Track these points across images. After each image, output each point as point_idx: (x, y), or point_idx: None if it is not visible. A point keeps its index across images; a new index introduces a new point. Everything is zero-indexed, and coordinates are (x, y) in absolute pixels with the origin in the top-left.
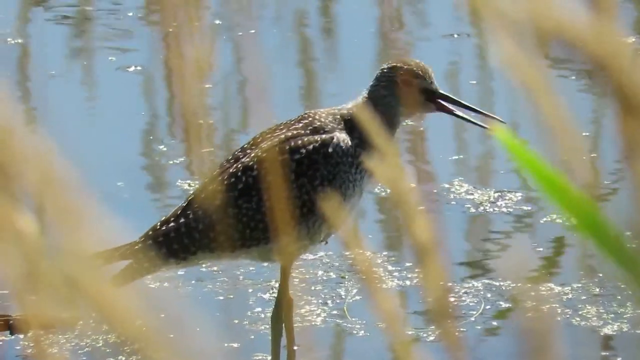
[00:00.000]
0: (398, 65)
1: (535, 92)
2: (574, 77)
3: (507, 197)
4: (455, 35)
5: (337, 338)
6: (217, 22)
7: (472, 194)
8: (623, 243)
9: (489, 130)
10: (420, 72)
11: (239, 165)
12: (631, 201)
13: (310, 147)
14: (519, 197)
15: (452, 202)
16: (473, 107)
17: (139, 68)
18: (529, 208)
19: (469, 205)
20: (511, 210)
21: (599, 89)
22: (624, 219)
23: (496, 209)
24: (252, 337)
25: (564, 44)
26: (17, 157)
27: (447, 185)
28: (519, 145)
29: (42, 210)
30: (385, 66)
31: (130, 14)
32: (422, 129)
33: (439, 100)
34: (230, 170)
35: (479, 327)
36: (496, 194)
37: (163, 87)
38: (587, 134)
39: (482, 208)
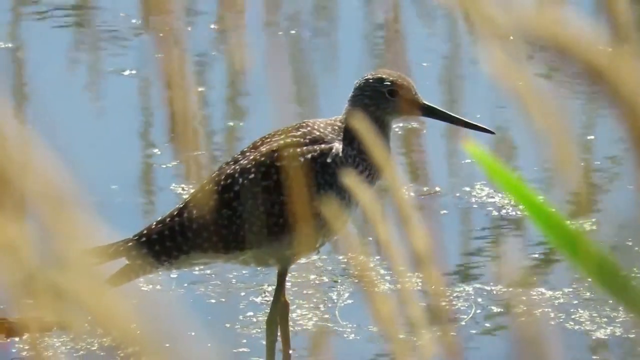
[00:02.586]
0: (384, 76)
1: (525, 101)
2: (567, 83)
3: None
4: (449, 40)
5: (329, 342)
6: (213, 26)
7: (492, 197)
8: (601, 259)
9: (491, 133)
10: (405, 83)
11: (237, 167)
12: (634, 204)
13: (309, 155)
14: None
15: (474, 206)
16: (458, 117)
17: (134, 72)
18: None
19: (490, 209)
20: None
21: (593, 95)
22: (620, 223)
23: (519, 212)
24: (244, 341)
25: (559, 50)
26: (11, 162)
27: (467, 189)
28: (490, 160)
29: (37, 214)
30: (370, 77)
31: (126, 17)
32: (424, 131)
33: (424, 112)
34: (228, 172)
35: (470, 331)
36: None
37: (158, 90)
38: (592, 137)
39: (504, 211)
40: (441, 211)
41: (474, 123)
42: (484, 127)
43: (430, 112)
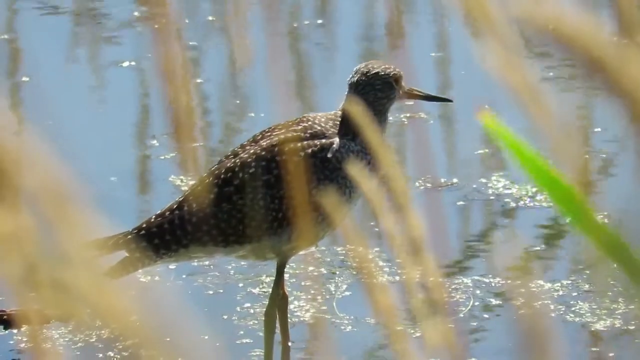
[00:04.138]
0: (387, 66)
1: (523, 96)
2: (565, 72)
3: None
4: (447, 33)
5: (326, 333)
6: (210, 18)
7: (509, 189)
8: (608, 230)
9: (450, 101)
10: (400, 71)
11: (237, 161)
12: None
13: (309, 150)
14: None
15: (491, 197)
16: (429, 94)
17: (132, 63)
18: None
19: (508, 200)
20: (552, 204)
21: (591, 84)
22: (619, 209)
23: (536, 203)
24: (241, 332)
25: (558, 41)
26: (9, 154)
27: (484, 180)
28: (505, 130)
29: (36, 207)
30: (378, 69)
31: (124, 8)
32: (432, 122)
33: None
34: (228, 165)
35: (467, 324)
36: (534, 189)
37: (156, 82)
38: (599, 130)
39: (521, 202)
40: (457, 202)
41: (438, 96)
42: (446, 97)
43: (412, 95)
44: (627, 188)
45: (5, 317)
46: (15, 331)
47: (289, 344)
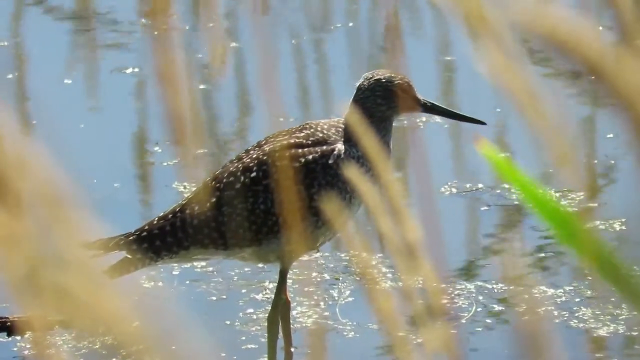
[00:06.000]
0: (392, 75)
1: (522, 101)
2: (564, 78)
3: (569, 197)
4: (450, 41)
5: (329, 339)
6: (211, 25)
7: None
8: (611, 257)
9: (483, 124)
10: (409, 81)
11: (239, 165)
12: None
13: (310, 157)
14: (581, 196)
15: (515, 202)
16: (453, 111)
17: (136, 70)
18: (595, 205)
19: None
20: (576, 208)
21: (591, 90)
22: (621, 215)
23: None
24: (244, 338)
25: (557, 47)
26: (12, 160)
27: (506, 185)
28: (503, 160)
29: (37, 212)
30: (380, 77)
31: (128, 15)
32: (446, 126)
33: (425, 108)
34: (231, 169)
35: (470, 329)
36: (558, 193)
37: (159, 89)
38: (610, 136)
39: None
40: (481, 208)
41: (466, 115)
42: (476, 118)
43: (430, 108)
44: (635, 194)
45: (8, 323)
46: (18, 338)
47: (292, 349)
